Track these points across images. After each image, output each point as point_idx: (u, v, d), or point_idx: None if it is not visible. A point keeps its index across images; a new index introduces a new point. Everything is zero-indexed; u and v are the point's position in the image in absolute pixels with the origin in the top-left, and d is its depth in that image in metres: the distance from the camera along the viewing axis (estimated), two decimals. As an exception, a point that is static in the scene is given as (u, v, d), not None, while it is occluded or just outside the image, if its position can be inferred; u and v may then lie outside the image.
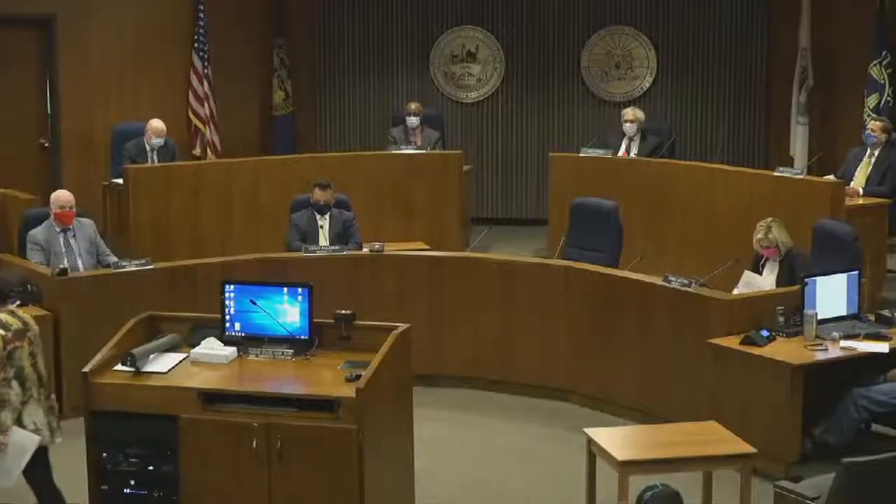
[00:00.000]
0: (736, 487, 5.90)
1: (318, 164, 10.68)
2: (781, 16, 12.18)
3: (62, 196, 8.47)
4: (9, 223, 9.28)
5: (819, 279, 7.24)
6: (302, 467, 5.63)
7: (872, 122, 10.10)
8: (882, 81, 11.26)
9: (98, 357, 5.90)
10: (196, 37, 12.23)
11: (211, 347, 6.11)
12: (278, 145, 12.71)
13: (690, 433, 6.13)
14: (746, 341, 7.01)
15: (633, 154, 10.81)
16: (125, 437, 5.76)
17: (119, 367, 5.93)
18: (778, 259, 7.79)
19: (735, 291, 7.57)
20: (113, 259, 8.47)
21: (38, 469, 6.01)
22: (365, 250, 8.67)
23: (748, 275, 7.79)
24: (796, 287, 7.30)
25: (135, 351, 5.92)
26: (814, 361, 6.86)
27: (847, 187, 9.50)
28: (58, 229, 8.38)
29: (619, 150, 10.89)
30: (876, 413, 6.94)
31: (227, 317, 6.23)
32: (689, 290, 7.43)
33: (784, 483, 5.59)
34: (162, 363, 5.99)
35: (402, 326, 6.03)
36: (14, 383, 5.72)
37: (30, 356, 5.77)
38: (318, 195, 9.19)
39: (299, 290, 6.18)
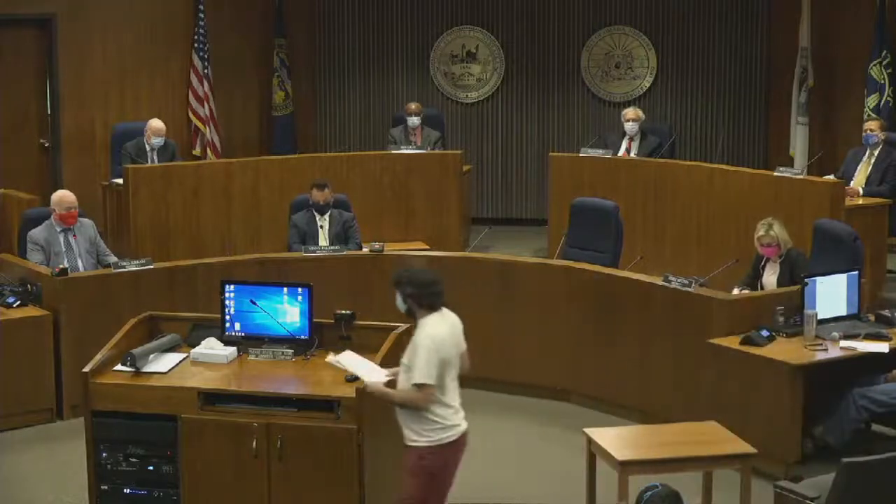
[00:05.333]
0: (736, 487, 5.90)
1: (318, 164, 10.68)
2: (781, 16, 12.18)
3: (67, 198, 8.45)
4: (9, 223, 9.28)
5: (819, 279, 7.25)
6: (302, 467, 5.63)
7: (870, 122, 10.09)
8: (882, 81, 11.26)
9: (98, 357, 5.91)
10: (196, 37, 12.23)
11: (211, 347, 6.11)
12: (278, 145, 12.70)
13: (690, 433, 6.13)
14: (746, 341, 7.01)
15: (633, 154, 10.81)
16: (125, 437, 5.77)
17: (119, 367, 5.94)
18: (778, 259, 7.79)
19: None
20: (113, 259, 8.47)
21: None
22: (365, 250, 8.67)
23: None
24: (796, 287, 7.31)
25: (135, 351, 5.92)
26: (814, 361, 6.86)
27: (847, 187, 9.50)
28: (58, 229, 8.37)
29: (619, 150, 10.89)
30: (876, 413, 6.94)
31: (227, 317, 6.23)
32: (689, 290, 7.43)
33: (784, 483, 5.59)
34: (162, 363, 5.99)
35: (402, 326, 6.04)
36: None
37: None
38: (317, 195, 9.20)
39: (299, 290, 6.18)
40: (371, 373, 5.67)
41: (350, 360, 5.81)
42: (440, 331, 5.40)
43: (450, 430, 5.40)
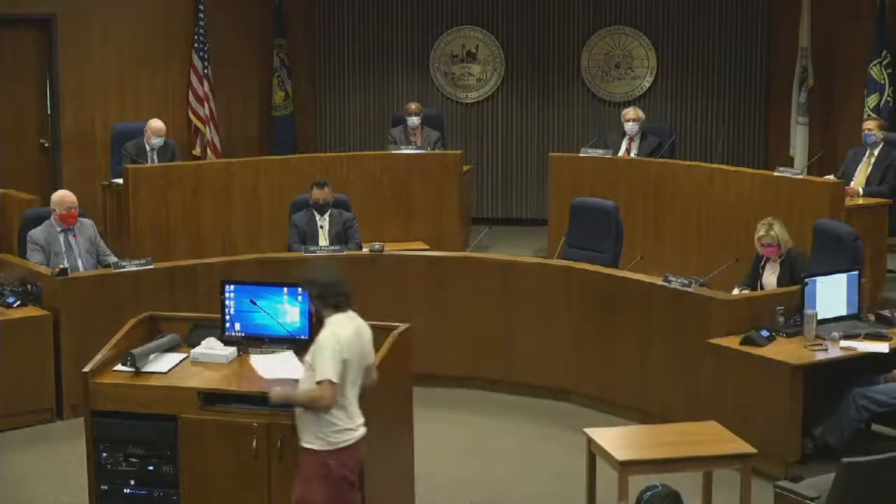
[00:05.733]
0: (736, 487, 5.90)
1: (318, 164, 10.68)
2: (781, 16, 12.18)
3: (68, 198, 8.45)
4: (9, 223, 9.28)
5: (819, 279, 7.24)
6: (302, 467, 5.63)
7: (868, 121, 10.08)
8: (882, 81, 11.26)
9: (98, 357, 5.90)
10: (196, 37, 12.23)
11: (211, 347, 6.11)
12: (278, 145, 12.71)
13: (690, 433, 6.13)
14: (746, 341, 7.01)
15: (633, 154, 10.80)
16: (125, 437, 5.76)
17: (119, 367, 5.93)
18: (778, 259, 7.79)
19: None
20: (113, 259, 8.47)
21: None
22: (365, 250, 8.67)
23: None
24: (796, 287, 7.31)
25: (135, 351, 5.92)
26: (814, 361, 6.86)
27: (847, 187, 9.50)
28: (58, 229, 8.37)
29: (619, 150, 10.89)
30: (876, 413, 6.94)
31: (227, 317, 6.23)
32: (689, 290, 7.43)
33: (784, 483, 5.58)
34: (162, 363, 5.99)
35: (402, 326, 6.04)
36: None
37: None
38: (317, 194, 9.20)
39: (299, 290, 6.18)
40: (290, 372, 5.69)
41: (265, 363, 5.82)
42: (345, 331, 5.34)
43: (348, 433, 5.32)
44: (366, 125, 12.97)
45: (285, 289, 6.21)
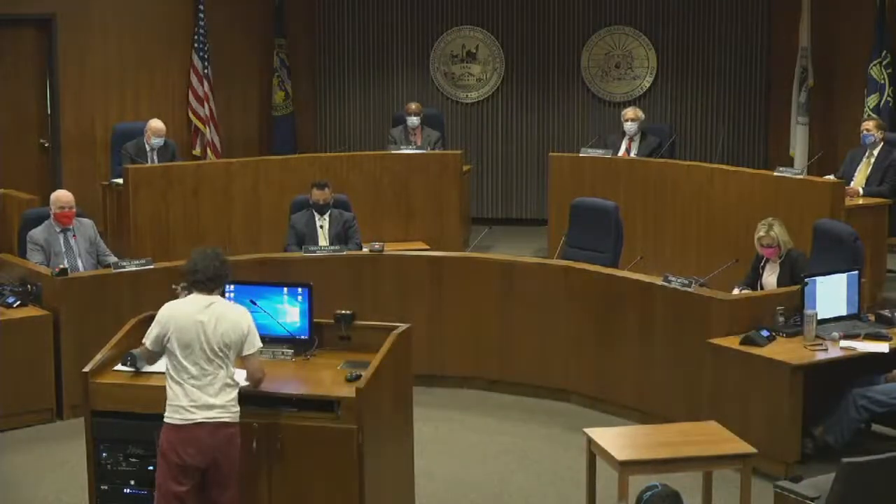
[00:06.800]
0: (736, 487, 5.90)
1: (318, 164, 10.68)
2: (781, 16, 12.18)
3: (62, 197, 8.46)
4: (9, 223, 9.28)
5: (819, 279, 7.25)
6: (302, 467, 5.63)
7: (866, 121, 10.07)
8: (882, 81, 11.26)
9: (98, 357, 5.91)
10: (196, 37, 12.24)
11: (211, 347, 6.10)
12: (278, 145, 12.71)
13: (690, 433, 6.13)
14: (746, 341, 7.01)
15: (633, 154, 10.81)
16: (125, 437, 5.77)
17: (119, 367, 5.94)
18: (778, 260, 7.79)
19: None
20: (113, 259, 8.47)
21: None
22: (365, 250, 8.67)
23: None
24: (796, 287, 7.31)
25: (135, 351, 5.92)
26: (814, 361, 6.86)
27: (847, 187, 9.50)
28: (58, 229, 8.37)
29: (619, 150, 10.89)
30: (876, 413, 6.95)
31: (227, 317, 6.22)
32: (689, 290, 7.43)
33: (784, 483, 5.58)
34: (162, 363, 5.98)
35: (402, 326, 6.04)
36: None
37: None
38: (317, 195, 9.20)
39: (299, 290, 6.19)
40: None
41: None
42: (177, 308, 5.52)
43: (176, 411, 5.40)
44: (366, 125, 12.97)
45: (285, 289, 6.22)
